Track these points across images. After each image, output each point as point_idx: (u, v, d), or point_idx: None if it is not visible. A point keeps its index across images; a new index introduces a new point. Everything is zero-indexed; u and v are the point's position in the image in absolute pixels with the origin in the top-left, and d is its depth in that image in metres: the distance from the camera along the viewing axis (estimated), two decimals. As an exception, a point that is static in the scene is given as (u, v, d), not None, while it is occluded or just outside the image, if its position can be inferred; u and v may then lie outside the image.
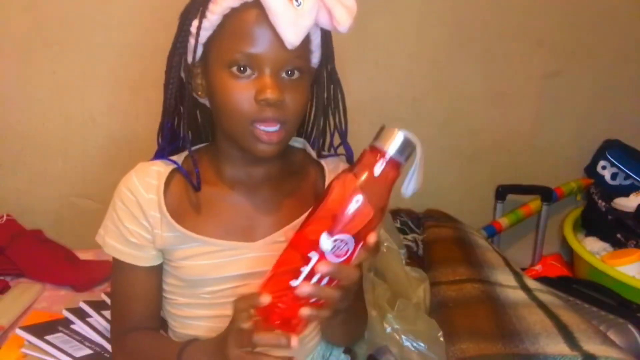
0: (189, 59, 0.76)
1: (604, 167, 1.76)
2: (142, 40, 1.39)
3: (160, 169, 0.81)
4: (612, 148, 1.75)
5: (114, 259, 0.83)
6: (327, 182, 0.82)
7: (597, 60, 1.70)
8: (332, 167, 0.86)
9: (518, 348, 0.98)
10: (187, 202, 0.80)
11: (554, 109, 1.72)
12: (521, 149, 1.73)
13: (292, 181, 0.85)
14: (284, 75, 0.72)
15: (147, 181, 0.80)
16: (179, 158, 0.83)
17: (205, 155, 0.84)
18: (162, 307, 0.87)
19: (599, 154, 1.77)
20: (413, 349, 0.97)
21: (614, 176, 1.76)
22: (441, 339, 1.00)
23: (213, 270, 0.80)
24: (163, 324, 0.89)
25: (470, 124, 1.67)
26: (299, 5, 0.69)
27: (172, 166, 0.81)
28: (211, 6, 0.72)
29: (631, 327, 1.15)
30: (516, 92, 1.68)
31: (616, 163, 1.74)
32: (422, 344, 0.97)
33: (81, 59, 1.40)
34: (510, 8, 1.59)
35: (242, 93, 0.71)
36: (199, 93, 0.79)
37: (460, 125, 1.66)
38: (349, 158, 0.89)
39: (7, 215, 1.41)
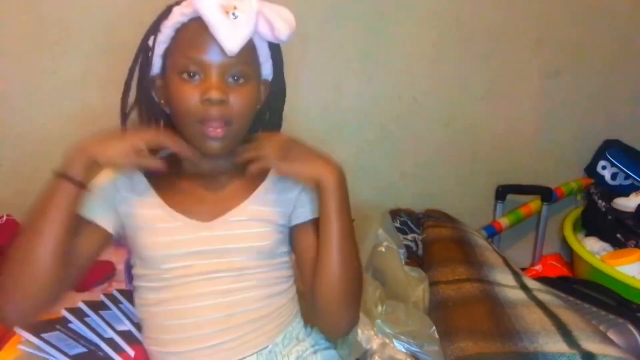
0: (151, 72, 0.88)
1: (604, 167, 1.76)
2: (142, 40, 1.39)
3: None
4: (612, 148, 1.75)
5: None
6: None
7: (597, 60, 1.70)
8: None
9: (517, 347, 0.99)
10: (161, 179, 0.90)
11: (554, 109, 1.72)
12: (521, 149, 1.73)
13: (246, 165, 0.89)
14: (230, 79, 0.83)
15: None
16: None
17: (171, 156, 0.93)
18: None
19: (599, 154, 1.77)
20: (405, 351, 0.97)
21: (614, 176, 1.76)
22: (435, 335, 1.00)
23: (167, 246, 0.86)
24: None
25: (470, 123, 1.67)
26: (235, 17, 0.80)
27: None
28: (165, 22, 0.85)
29: (631, 327, 1.15)
30: (516, 92, 1.68)
31: (616, 163, 1.74)
32: (415, 346, 0.97)
33: (81, 59, 1.40)
34: (510, 8, 1.59)
35: (190, 95, 0.82)
36: (162, 102, 0.90)
37: (460, 125, 1.66)
38: None
39: (7, 215, 1.41)
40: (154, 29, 0.87)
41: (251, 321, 0.88)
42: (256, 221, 0.89)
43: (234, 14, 0.80)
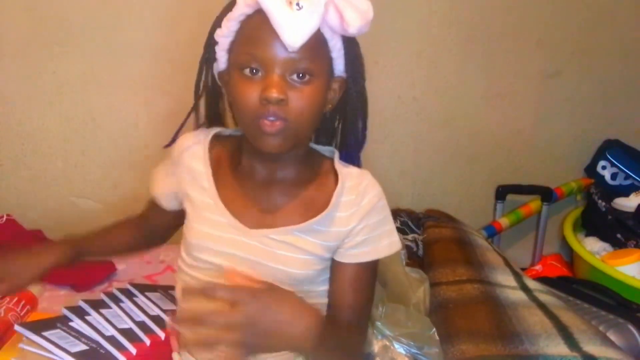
0: (219, 68, 0.84)
1: (604, 167, 1.76)
2: (142, 40, 1.39)
3: (209, 131, 0.91)
4: (612, 148, 1.75)
5: None
6: (335, 196, 0.83)
7: (597, 60, 1.70)
8: (349, 183, 0.85)
9: (518, 349, 0.98)
10: (219, 169, 0.88)
11: (554, 109, 1.72)
12: (521, 149, 1.73)
13: (308, 188, 0.85)
14: (295, 77, 0.76)
15: (196, 134, 0.90)
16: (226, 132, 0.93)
17: (238, 143, 0.90)
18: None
19: (599, 154, 1.77)
20: (405, 353, 0.96)
21: (614, 176, 1.76)
22: (435, 337, 1.00)
23: (210, 238, 0.84)
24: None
25: (470, 124, 1.67)
26: (299, 8, 0.72)
27: (214, 131, 0.90)
28: (229, 14, 0.78)
29: (631, 327, 1.15)
30: (516, 92, 1.68)
31: (616, 163, 1.74)
32: (415, 348, 0.97)
33: (81, 59, 1.40)
34: (510, 8, 1.59)
35: (249, 93, 0.76)
36: (230, 98, 0.86)
37: (460, 125, 1.66)
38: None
39: (7, 215, 1.41)
40: (219, 21, 0.81)
41: None
42: (298, 249, 0.82)
43: (297, 4, 0.73)
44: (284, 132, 0.77)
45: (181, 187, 0.89)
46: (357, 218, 0.83)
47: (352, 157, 0.90)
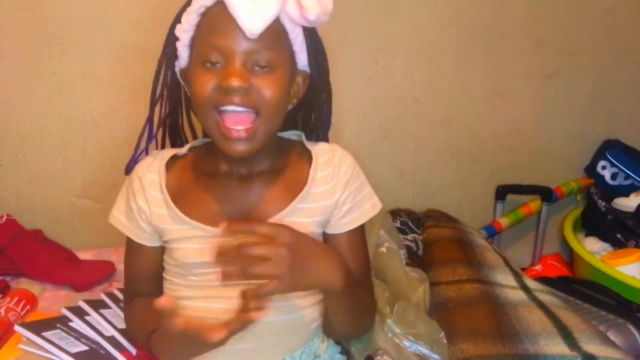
0: (181, 65, 0.84)
1: (604, 167, 1.76)
2: (142, 40, 1.39)
3: (164, 154, 0.89)
4: (612, 148, 1.75)
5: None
6: (312, 172, 0.86)
7: (597, 60, 1.70)
8: (323, 158, 0.88)
9: (517, 348, 0.98)
10: (185, 188, 0.86)
11: (554, 108, 1.72)
12: (521, 149, 1.73)
13: (285, 173, 0.87)
14: (256, 68, 0.76)
15: (150, 162, 0.88)
16: (183, 149, 0.91)
17: (202, 150, 0.91)
18: (163, 287, 0.91)
19: (599, 154, 1.77)
20: (414, 352, 0.97)
21: (614, 176, 1.76)
22: (444, 340, 1.00)
23: (198, 255, 0.83)
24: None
25: (470, 124, 1.67)
26: None
27: (173, 152, 0.89)
28: (188, 8, 0.79)
29: (631, 327, 1.15)
30: (516, 92, 1.68)
31: (616, 163, 1.74)
32: (423, 347, 0.97)
33: (81, 59, 1.40)
34: (510, 8, 1.59)
35: (209, 83, 0.76)
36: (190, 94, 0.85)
37: (460, 125, 1.66)
38: None
39: (7, 215, 1.41)
40: (178, 17, 0.81)
41: (274, 333, 0.85)
42: None
43: None
44: (254, 133, 0.77)
45: (154, 211, 0.86)
46: (340, 188, 0.87)
47: (318, 139, 0.95)
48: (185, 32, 0.80)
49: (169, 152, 0.90)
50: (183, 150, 0.90)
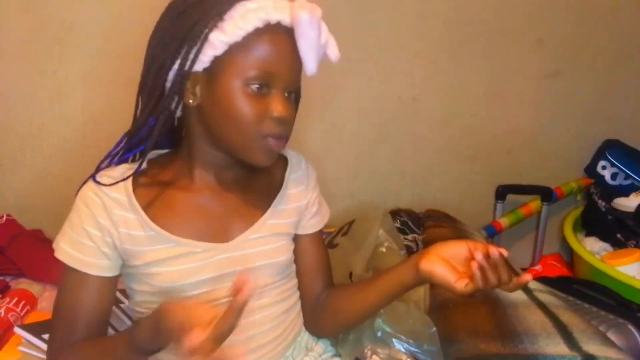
0: (197, 67, 0.75)
1: (604, 167, 1.76)
2: (142, 40, 1.39)
3: (125, 170, 0.80)
4: (612, 148, 1.75)
5: (64, 267, 0.78)
6: (287, 174, 0.90)
7: (597, 60, 1.70)
8: (295, 161, 0.93)
9: (517, 348, 0.98)
10: (159, 203, 0.79)
11: (554, 108, 1.72)
12: (521, 148, 1.73)
13: (259, 179, 0.88)
14: (286, 94, 0.78)
15: (109, 180, 0.78)
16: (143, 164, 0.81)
17: (175, 160, 0.84)
18: (132, 318, 0.88)
19: (599, 154, 1.77)
20: (405, 350, 0.97)
21: (614, 176, 1.76)
22: (436, 335, 1.00)
23: (188, 275, 0.78)
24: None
25: (470, 124, 1.67)
26: (319, 36, 0.74)
27: (134, 166, 0.80)
28: (238, 20, 0.72)
29: (631, 327, 1.15)
30: (516, 92, 1.68)
31: (616, 163, 1.74)
32: (414, 345, 0.97)
33: (81, 59, 1.40)
34: (510, 8, 1.59)
35: (256, 109, 0.75)
36: (190, 100, 0.77)
37: (460, 125, 1.66)
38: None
39: (7, 215, 1.42)
40: (218, 17, 0.72)
41: (269, 342, 0.86)
42: (275, 236, 0.86)
43: (320, 32, 0.74)
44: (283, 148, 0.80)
45: (124, 246, 0.78)
46: (310, 191, 0.92)
47: None
48: (225, 43, 0.73)
49: (127, 168, 0.81)
50: (143, 165, 0.80)
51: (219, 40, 0.73)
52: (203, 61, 0.74)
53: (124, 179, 0.78)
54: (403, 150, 1.65)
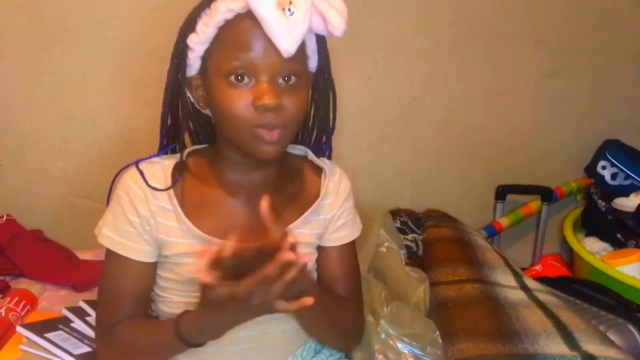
0: (188, 73, 0.81)
1: (604, 167, 1.76)
2: (142, 40, 1.39)
3: (165, 162, 0.84)
4: (612, 148, 1.75)
5: (107, 251, 0.83)
6: (323, 184, 0.89)
7: (596, 60, 1.70)
8: (331, 172, 0.91)
9: (517, 348, 0.98)
10: (194, 199, 0.83)
11: (553, 108, 1.72)
12: (521, 148, 1.73)
13: (291, 186, 0.88)
14: (280, 81, 0.76)
15: (153, 172, 0.82)
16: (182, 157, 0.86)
17: (206, 157, 0.87)
18: (156, 306, 0.88)
19: (599, 154, 1.77)
20: (408, 353, 0.97)
21: (614, 176, 1.76)
22: (439, 340, 1.00)
23: None
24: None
25: (470, 123, 1.67)
26: (291, 14, 0.71)
27: (174, 160, 0.84)
28: (206, 19, 0.76)
29: (631, 327, 1.15)
30: (516, 91, 1.68)
31: (616, 163, 1.74)
32: (418, 348, 0.97)
33: (81, 59, 1.40)
34: (510, 8, 1.59)
35: (241, 101, 0.74)
36: (201, 104, 0.83)
37: (460, 125, 1.66)
38: (329, 156, 0.96)
39: (7, 215, 1.42)
40: (191, 25, 0.78)
41: (281, 340, 0.87)
42: (302, 246, 0.82)
43: (289, 9, 0.71)
44: (282, 138, 0.78)
45: (160, 237, 0.82)
46: (338, 204, 0.90)
47: (321, 146, 0.95)
48: (201, 43, 0.77)
49: (168, 160, 0.85)
50: (182, 158, 0.85)
51: (193, 42, 0.77)
52: (191, 66, 0.80)
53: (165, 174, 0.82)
54: (403, 150, 1.65)
